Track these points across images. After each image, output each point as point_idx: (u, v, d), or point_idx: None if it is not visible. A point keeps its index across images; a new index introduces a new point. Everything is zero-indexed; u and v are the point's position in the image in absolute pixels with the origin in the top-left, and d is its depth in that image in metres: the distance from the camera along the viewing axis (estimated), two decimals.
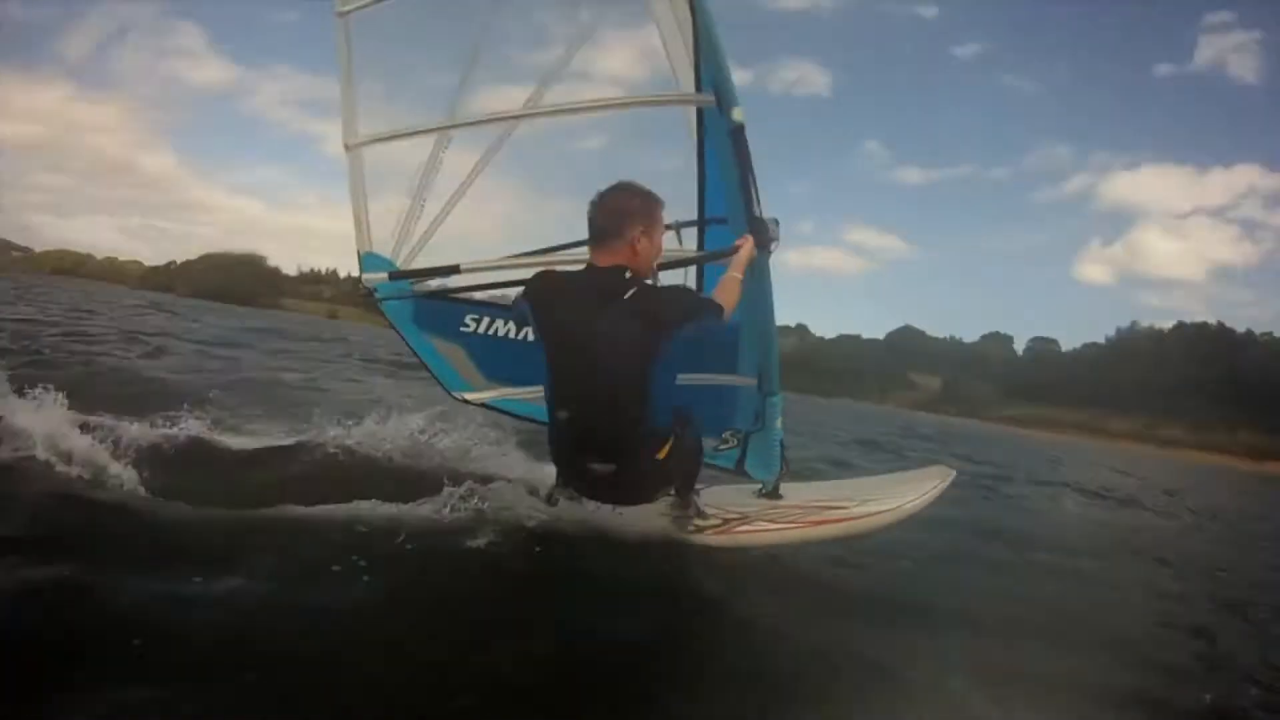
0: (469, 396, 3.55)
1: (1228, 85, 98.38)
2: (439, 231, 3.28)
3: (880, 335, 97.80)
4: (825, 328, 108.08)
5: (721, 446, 3.26)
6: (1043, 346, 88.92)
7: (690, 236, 3.37)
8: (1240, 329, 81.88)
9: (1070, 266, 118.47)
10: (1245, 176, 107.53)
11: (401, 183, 3.25)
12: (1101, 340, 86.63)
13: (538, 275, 2.56)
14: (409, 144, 3.28)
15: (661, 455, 2.44)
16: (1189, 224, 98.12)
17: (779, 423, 3.10)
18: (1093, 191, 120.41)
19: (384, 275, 3.31)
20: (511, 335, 3.41)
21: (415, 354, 3.51)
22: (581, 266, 2.51)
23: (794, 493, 3.16)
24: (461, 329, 3.47)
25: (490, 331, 3.46)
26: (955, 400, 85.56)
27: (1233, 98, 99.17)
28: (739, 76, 2.72)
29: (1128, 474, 15.43)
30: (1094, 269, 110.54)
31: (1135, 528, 6.72)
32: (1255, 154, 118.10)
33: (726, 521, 2.78)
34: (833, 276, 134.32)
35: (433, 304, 3.46)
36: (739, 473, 3.29)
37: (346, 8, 3.08)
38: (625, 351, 2.30)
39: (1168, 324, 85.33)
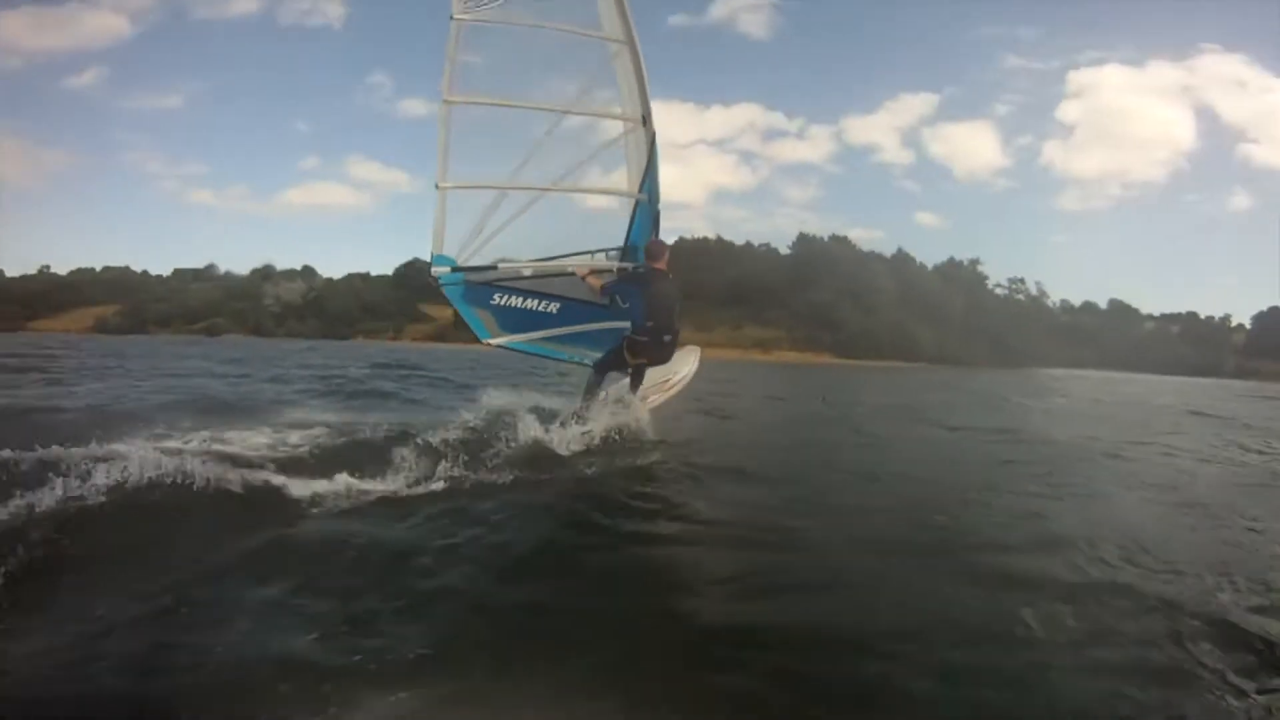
0: (492, 342, 6.63)
1: (735, 37, 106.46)
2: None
3: (389, 271, 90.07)
4: (333, 268, 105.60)
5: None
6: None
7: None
8: (739, 242, 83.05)
9: (577, 195, 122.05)
10: (745, 114, 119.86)
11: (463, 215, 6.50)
12: None
13: (646, 270, 6.51)
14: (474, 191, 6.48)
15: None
16: (690, 153, 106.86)
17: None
18: (598, 124, 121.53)
19: (447, 269, 6.35)
20: (518, 305, 6.63)
21: (461, 316, 6.53)
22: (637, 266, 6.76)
23: (650, 377, 6.95)
24: (490, 301, 6.58)
25: (507, 303, 6.60)
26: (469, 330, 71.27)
27: (740, 48, 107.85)
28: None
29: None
30: (598, 196, 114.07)
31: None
32: (756, 95, 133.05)
33: (645, 398, 6.73)
34: (338, 213, 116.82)
35: (474, 287, 6.50)
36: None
37: (463, 16, 6.00)
38: (677, 301, 6.59)
39: (669, 240, 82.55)
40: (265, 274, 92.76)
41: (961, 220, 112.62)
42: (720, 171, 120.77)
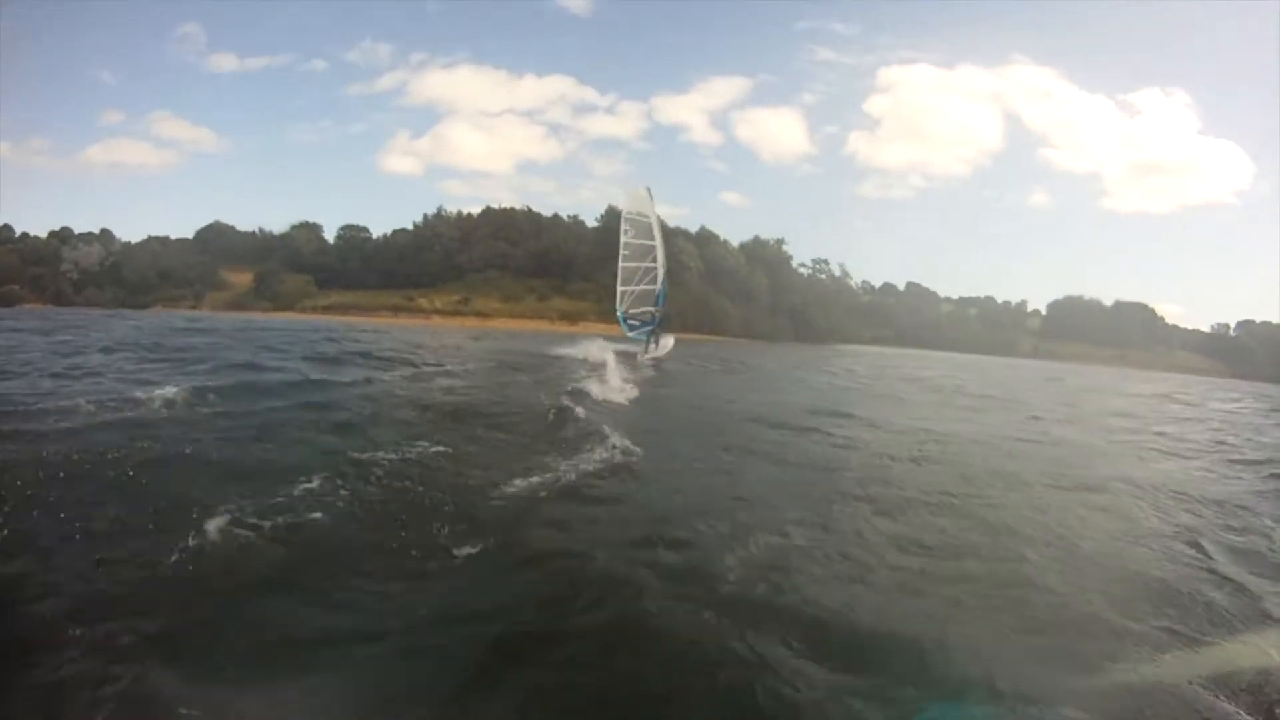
0: (629, 334, 23.17)
1: (555, 9, 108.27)
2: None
3: (190, 234, 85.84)
4: (132, 231, 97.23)
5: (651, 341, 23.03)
6: (354, 234, 77.00)
7: None
8: (547, 214, 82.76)
9: (376, 157, 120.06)
10: (557, 86, 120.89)
11: None
12: (410, 226, 78.14)
13: (662, 310, 24.45)
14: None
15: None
16: (498, 121, 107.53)
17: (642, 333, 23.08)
18: (405, 88, 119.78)
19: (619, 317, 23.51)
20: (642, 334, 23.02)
21: (627, 333, 23.20)
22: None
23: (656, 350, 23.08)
24: (627, 324, 23.27)
25: (629, 326, 23.25)
26: (269, 295, 70.30)
27: (558, 20, 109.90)
28: None
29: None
30: (400, 160, 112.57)
31: None
32: (570, 69, 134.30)
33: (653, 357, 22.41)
34: (139, 173, 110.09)
35: (629, 328, 23.24)
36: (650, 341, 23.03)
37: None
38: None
39: (476, 209, 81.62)
40: (63, 237, 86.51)
41: (766, 201, 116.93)
42: (529, 142, 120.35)
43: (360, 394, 9.76)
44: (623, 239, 22.64)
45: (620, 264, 22.69)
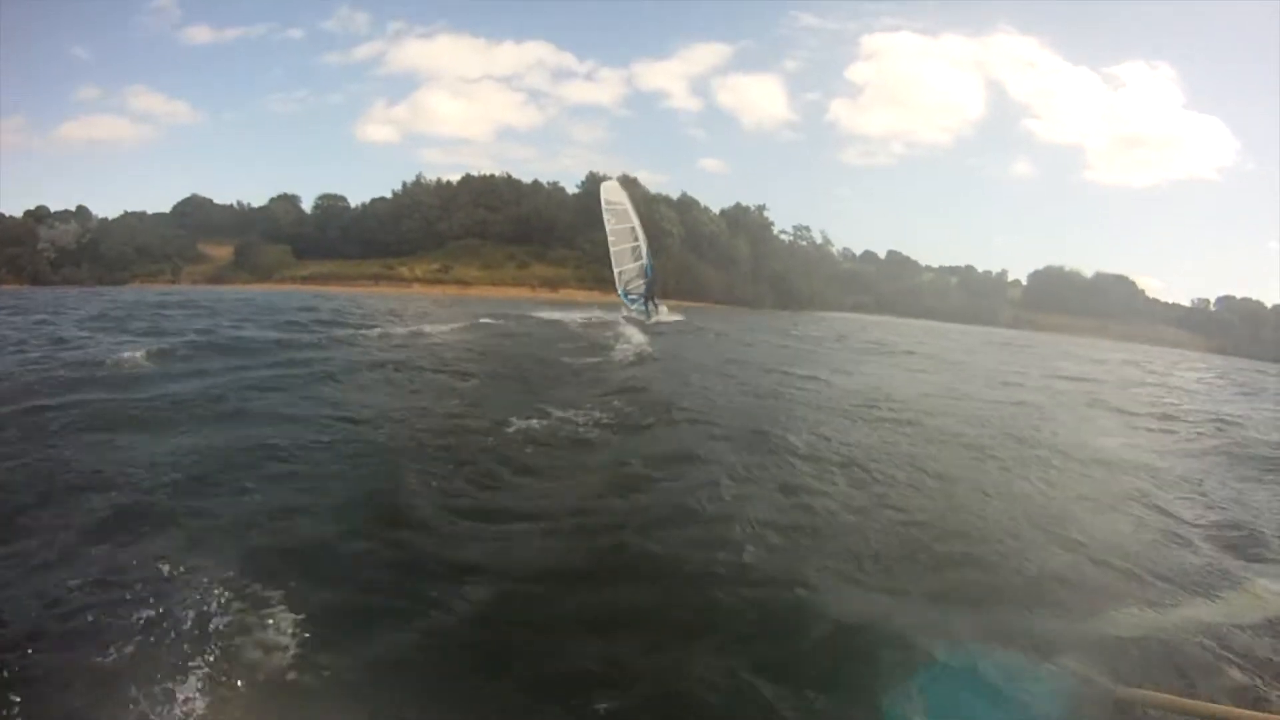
0: (632, 307, 26.77)
1: None
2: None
3: (166, 209, 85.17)
4: (110, 207, 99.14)
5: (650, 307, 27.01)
6: (332, 204, 76.73)
7: None
8: (527, 181, 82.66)
9: (354, 126, 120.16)
10: (535, 52, 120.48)
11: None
12: (389, 194, 77.89)
13: (653, 278, 29.24)
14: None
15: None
16: (477, 88, 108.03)
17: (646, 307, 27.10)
18: (383, 57, 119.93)
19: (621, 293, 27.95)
20: (641, 308, 26.83)
21: (627, 305, 27.03)
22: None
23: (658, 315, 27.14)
24: (628, 299, 27.37)
25: (629, 300, 27.36)
26: (249, 267, 70.17)
27: None
28: None
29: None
30: (378, 129, 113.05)
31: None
32: (549, 34, 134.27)
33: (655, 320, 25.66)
34: (115, 148, 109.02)
35: (628, 301, 27.26)
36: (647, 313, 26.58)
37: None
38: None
39: (455, 177, 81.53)
40: (39, 216, 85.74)
41: (747, 168, 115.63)
42: (507, 109, 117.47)
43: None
44: (608, 227, 27.03)
45: (611, 249, 27.38)
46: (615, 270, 28.10)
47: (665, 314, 27.50)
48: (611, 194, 28.22)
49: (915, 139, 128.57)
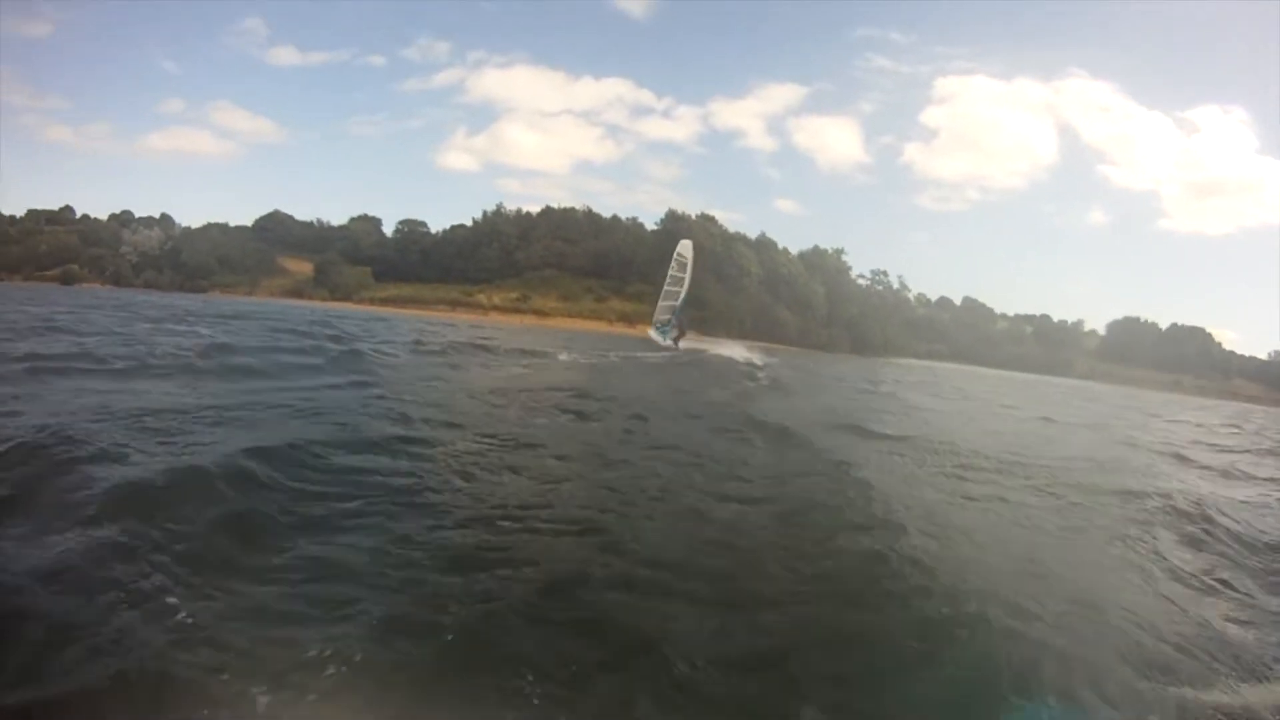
0: (666, 342, 28.46)
1: (613, 11, 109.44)
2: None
3: (249, 222, 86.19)
4: (191, 216, 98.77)
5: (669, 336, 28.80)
6: (413, 228, 77.12)
7: None
8: (605, 214, 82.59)
9: (434, 153, 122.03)
10: (615, 88, 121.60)
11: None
12: (469, 222, 78.10)
13: (683, 316, 31.09)
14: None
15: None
16: (556, 121, 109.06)
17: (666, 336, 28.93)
18: (463, 85, 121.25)
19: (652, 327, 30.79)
20: (661, 334, 29.37)
21: (659, 338, 29.11)
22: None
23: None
24: (661, 329, 29.57)
25: (661, 332, 29.36)
26: (328, 285, 71.35)
27: (617, 24, 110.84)
28: None
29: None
30: (458, 156, 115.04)
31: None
32: (628, 71, 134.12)
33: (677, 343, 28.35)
34: (200, 161, 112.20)
35: (656, 330, 29.86)
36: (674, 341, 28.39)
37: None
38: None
39: (535, 208, 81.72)
40: (123, 220, 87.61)
41: (821, 209, 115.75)
42: (585, 143, 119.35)
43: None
44: (669, 273, 31.50)
45: (664, 290, 32.28)
46: (660, 303, 32.84)
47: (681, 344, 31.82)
48: (684, 251, 32.20)
49: (989, 184, 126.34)
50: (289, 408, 7.12)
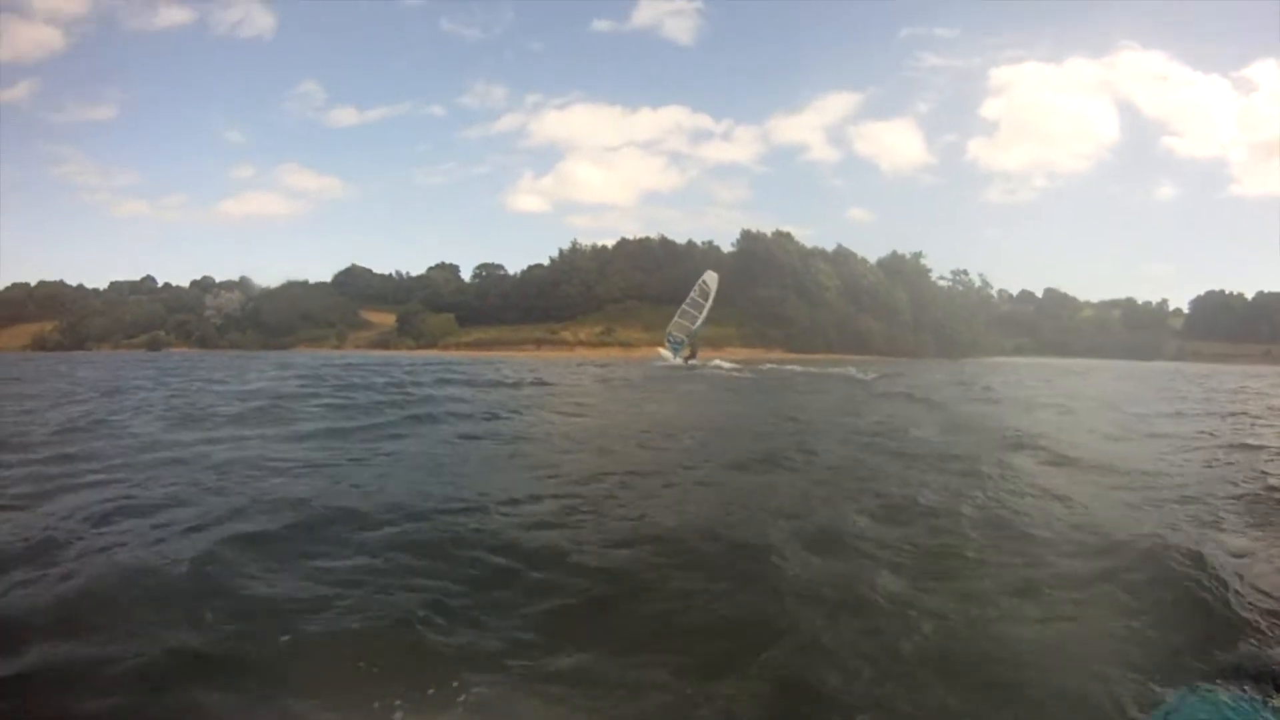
0: (675, 359, 35.82)
1: (662, 42, 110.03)
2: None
3: (327, 277, 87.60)
4: (271, 276, 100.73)
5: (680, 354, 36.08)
6: (490, 272, 77.88)
7: None
8: (680, 241, 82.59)
9: (503, 196, 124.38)
10: (673, 116, 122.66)
11: None
12: (544, 261, 78.64)
13: (695, 336, 38.27)
14: None
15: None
16: (618, 155, 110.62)
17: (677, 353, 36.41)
18: (524, 129, 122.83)
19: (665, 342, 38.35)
20: (673, 350, 37.13)
21: (672, 352, 36.63)
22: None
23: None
24: (673, 345, 37.22)
25: (673, 348, 36.93)
26: (413, 334, 73.08)
27: (666, 52, 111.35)
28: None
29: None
30: (526, 199, 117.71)
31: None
32: (683, 98, 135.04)
33: (691, 365, 33.68)
34: (274, 222, 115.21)
35: (670, 343, 37.39)
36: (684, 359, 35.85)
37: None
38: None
39: (610, 241, 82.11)
40: (204, 285, 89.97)
41: (892, 215, 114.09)
42: (649, 173, 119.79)
43: None
44: (691, 296, 37.27)
45: (682, 308, 38.10)
46: (675, 320, 38.72)
47: (697, 361, 36.15)
48: (709, 281, 37.68)
49: (1055, 170, 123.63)
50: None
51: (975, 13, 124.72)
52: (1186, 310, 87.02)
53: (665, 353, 37.37)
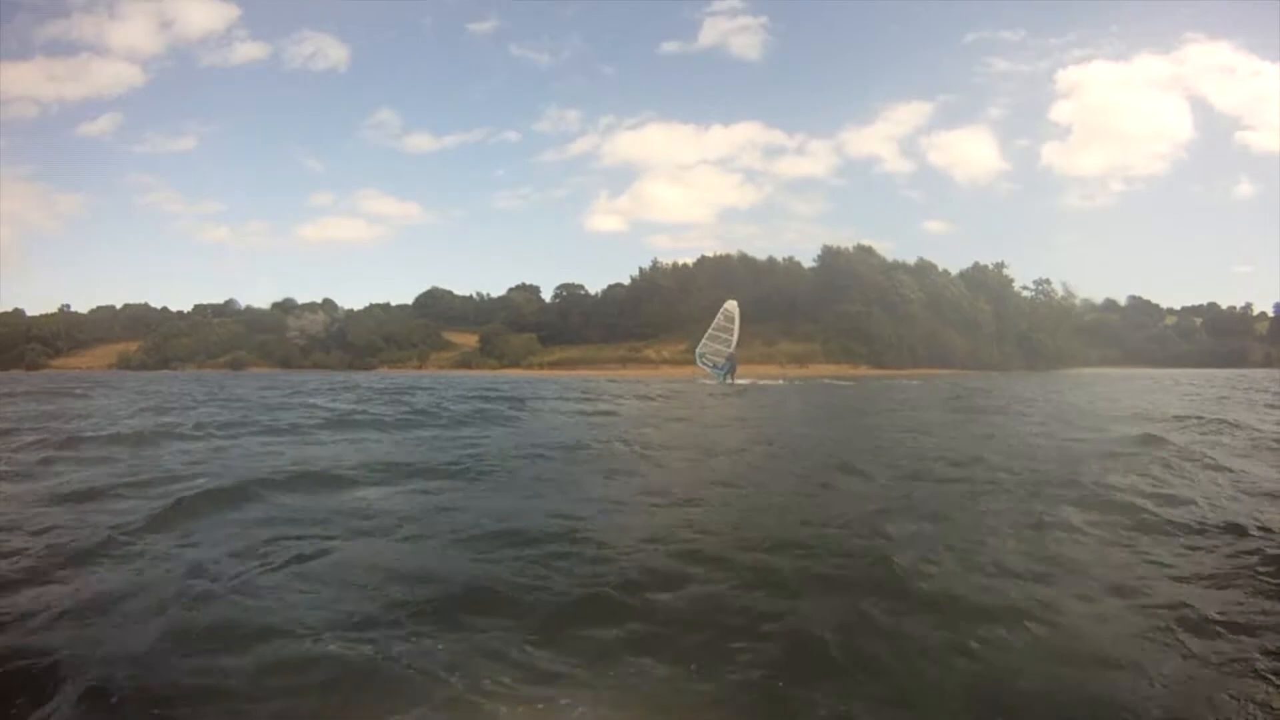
0: (714, 379, 37.59)
1: (728, 59, 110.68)
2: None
3: (409, 300, 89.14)
4: (353, 300, 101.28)
5: (727, 377, 36.93)
6: (571, 292, 78.57)
7: None
8: (760, 257, 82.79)
9: (582, 218, 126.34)
10: (745, 133, 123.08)
11: None
12: (626, 281, 79.18)
13: (733, 357, 39.61)
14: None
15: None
16: (693, 173, 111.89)
17: (724, 377, 37.36)
18: (598, 151, 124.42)
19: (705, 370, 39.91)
20: (714, 370, 38.99)
21: (717, 379, 37.50)
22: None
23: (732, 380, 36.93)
24: (707, 363, 40.18)
25: (717, 373, 38.36)
26: (495, 354, 74.96)
27: (735, 70, 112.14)
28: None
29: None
30: (604, 219, 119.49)
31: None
32: (754, 114, 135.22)
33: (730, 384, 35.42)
34: (354, 247, 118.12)
35: (712, 370, 38.91)
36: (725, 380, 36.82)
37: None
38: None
39: (690, 259, 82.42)
40: (286, 307, 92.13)
41: (970, 226, 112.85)
42: (726, 190, 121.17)
43: None
44: (717, 324, 41.21)
45: (709, 334, 41.33)
46: (705, 344, 41.42)
47: (739, 382, 37.28)
48: (731, 308, 41.22)
49: (1132, 173, 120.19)
50: None
51: (1039, 13, 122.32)
52: (1271, 314, 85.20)
53: (713, 374, 39.06)
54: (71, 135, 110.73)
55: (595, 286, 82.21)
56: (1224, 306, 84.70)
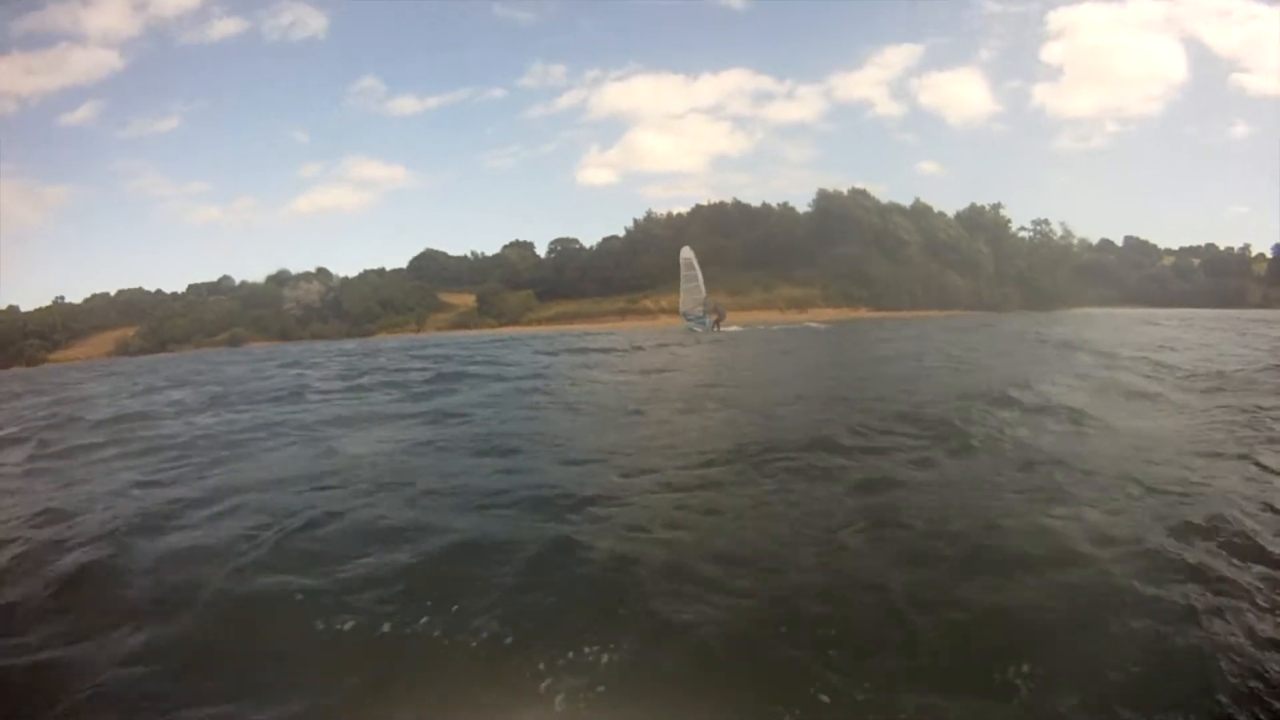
0: (709, 330, 36.76)
1: (715, 7, 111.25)
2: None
3: (403, 264, 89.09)
4: (347, 267, 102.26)
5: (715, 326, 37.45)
6: (566, 246, 78.38)
7: None
8: (755, 204, 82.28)
9: (574, 172, 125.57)
10: (734, 80, 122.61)
11: None
12: (621, 233, 78.79)
13: (716, 305, 41.23)
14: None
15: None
16: (683, 122, 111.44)
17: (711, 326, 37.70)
18: (586, 104, 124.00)
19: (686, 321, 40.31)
20: (697, 320, 38.59)
21: (692, 326, 38.62)
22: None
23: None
24: (689, 319, 40.08)
25: (694, 321, 38.88)
26: (493, 313, 77.43)
27: (720, 17, 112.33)
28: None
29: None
30: (596, 172, 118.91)
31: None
32: (742, 61, 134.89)
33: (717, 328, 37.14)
34: (346, 216, 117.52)
35: (693, 322, 38.71)
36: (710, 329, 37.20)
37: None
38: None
39: (684, 209, 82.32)
40: (281, 279, 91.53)
41: (964, 168, 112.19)
42: (716, 138, 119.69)
43: None
44: (683, 272, 42.34)
45: (682, 289, 42.66)
46: (682, 297, 42.94)
47: (727, 329, 38.15)
48: (687, 254, 43.02)
49: (1126, 114, 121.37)
50: None
51: None
52: (1270, 255, 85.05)
53: (694, 327, 38.27)
54: (54, 126, 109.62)
55: (590, 240, 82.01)
56: (1222, 248, 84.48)
